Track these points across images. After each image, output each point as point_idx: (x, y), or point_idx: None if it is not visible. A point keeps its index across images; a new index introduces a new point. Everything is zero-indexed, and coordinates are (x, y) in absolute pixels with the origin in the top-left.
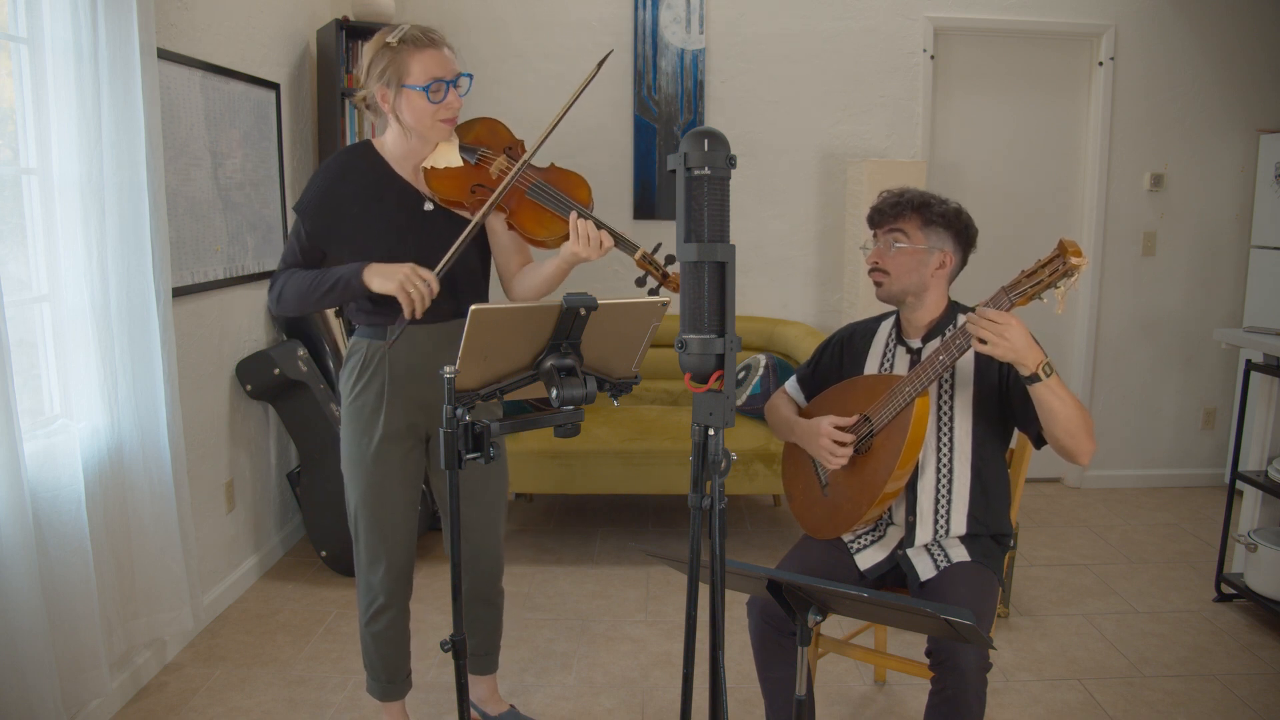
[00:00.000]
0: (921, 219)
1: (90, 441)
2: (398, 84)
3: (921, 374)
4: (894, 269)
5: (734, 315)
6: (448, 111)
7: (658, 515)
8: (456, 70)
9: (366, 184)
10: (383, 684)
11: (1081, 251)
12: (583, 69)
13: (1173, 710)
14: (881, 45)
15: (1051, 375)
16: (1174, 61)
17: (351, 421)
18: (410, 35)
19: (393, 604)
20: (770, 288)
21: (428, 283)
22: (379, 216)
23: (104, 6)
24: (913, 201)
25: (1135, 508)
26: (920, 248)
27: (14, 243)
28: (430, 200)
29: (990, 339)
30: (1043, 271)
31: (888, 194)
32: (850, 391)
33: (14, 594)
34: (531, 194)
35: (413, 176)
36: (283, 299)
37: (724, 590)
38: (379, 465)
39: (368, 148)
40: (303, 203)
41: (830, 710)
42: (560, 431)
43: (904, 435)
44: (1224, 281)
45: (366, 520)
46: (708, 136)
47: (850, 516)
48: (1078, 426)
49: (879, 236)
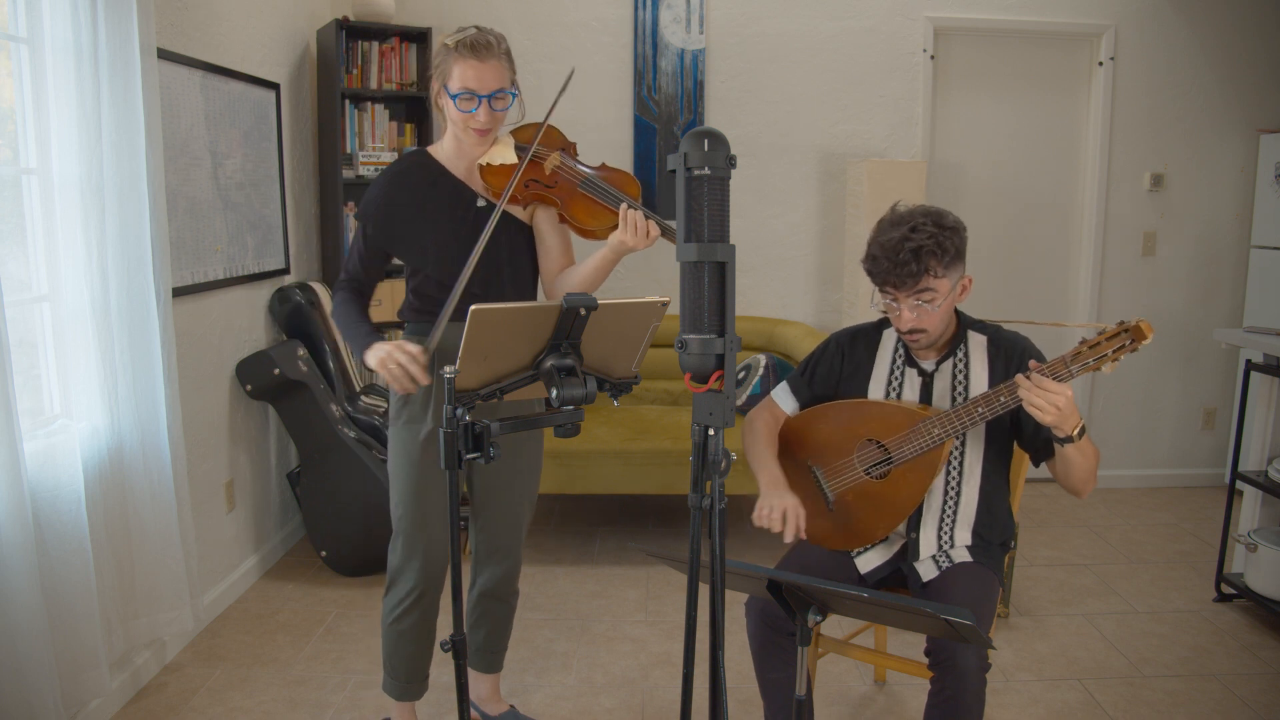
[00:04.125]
0: (942, 265)
1: (90, 441)
2: (442, 84)
3: (955, 421)
4: (931, 325)
5: (734, 315)
6: (476, 123)
7: (658, 515)
8: (496, 86)
9: (421, 185)
10: (401, 684)
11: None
12: (583, 69)
13: (1173, 710)
14: (881, 45)
15: (1084, 436)
16: (1174, 61)
17: (400, 417)
18: (463, 41)
19: (422, 600)
20: (770, 288)
21: (413, 356)
22: (433, 215)
23: (104, 6)
24: (926, 250)
25: (1135, 508)
26: (948, 294)
27: (14, 243)
28: (483, 198)
29: (1043, 408)
30: (1107, 345)
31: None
32: (859, 415)
33: (14, 594)
34: (584, 188)
35: (466, 176)
36: (335, 317)
37: (724, 590)
38: (426, 463)
39: (423, 153)
40: (364, 209)
41: (830, 710)
42: (560, 431)
43: (931, 472)
44: (1224, 281)
45: (411, 517)
46: (708, 136)
47: (863, 537)
48: (1090, 475)
49: (903, 300)
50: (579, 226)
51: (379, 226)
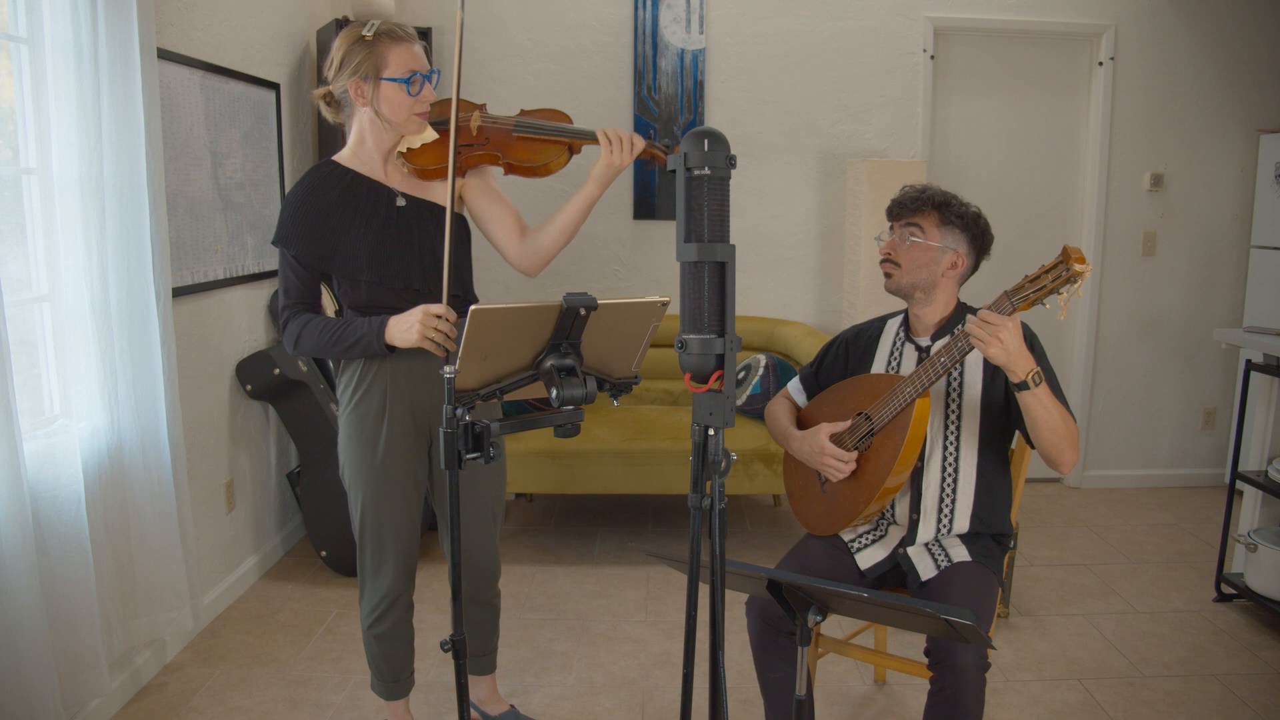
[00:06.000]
0: (939, 217)
1: (90, 441)
2: (375, 77)
3: (923, 374)
4: (905, 262)
5: (734, 315)
6: (422, 105)
7: (658, 515)
8: (428, 65)
9: (336, 195)
10: (388, 683)
11: (1085, 258)
12: (583, 69)
13: (1173, 710)
14: (881, 45)
15: (1040, 385)
16: (1174, 61)
17: (354, 430)
18: (385, 29)
19: (397, 605)
20: (770, 288)
21: (444, 318)
22: (353, 224)
23: (104, 6)
24: (934, 199)
25: (1135, 508)
26: (934, 245)
27: (14, 243)
28: (402, 196)
29: (984, 339)
30: (1045, 277)
31: (910, 188)
32: (851, 390)
33: (14, 594)
34: (519, 130)
35: (383, 175)
36: (300, 345)
37: (724, 590)
38: (386, 472)
39: (330, 163)
40: (283, 233)
41: (830, 710)
42: (560, 431)
43: (903, 435)
44: (1224, 281)
45: (373, 527)
46: (708, 136)
47: (848, 514)
48: (1060, 437)
49: (895, 229)
50: (528, 166)
51: (307, 246)
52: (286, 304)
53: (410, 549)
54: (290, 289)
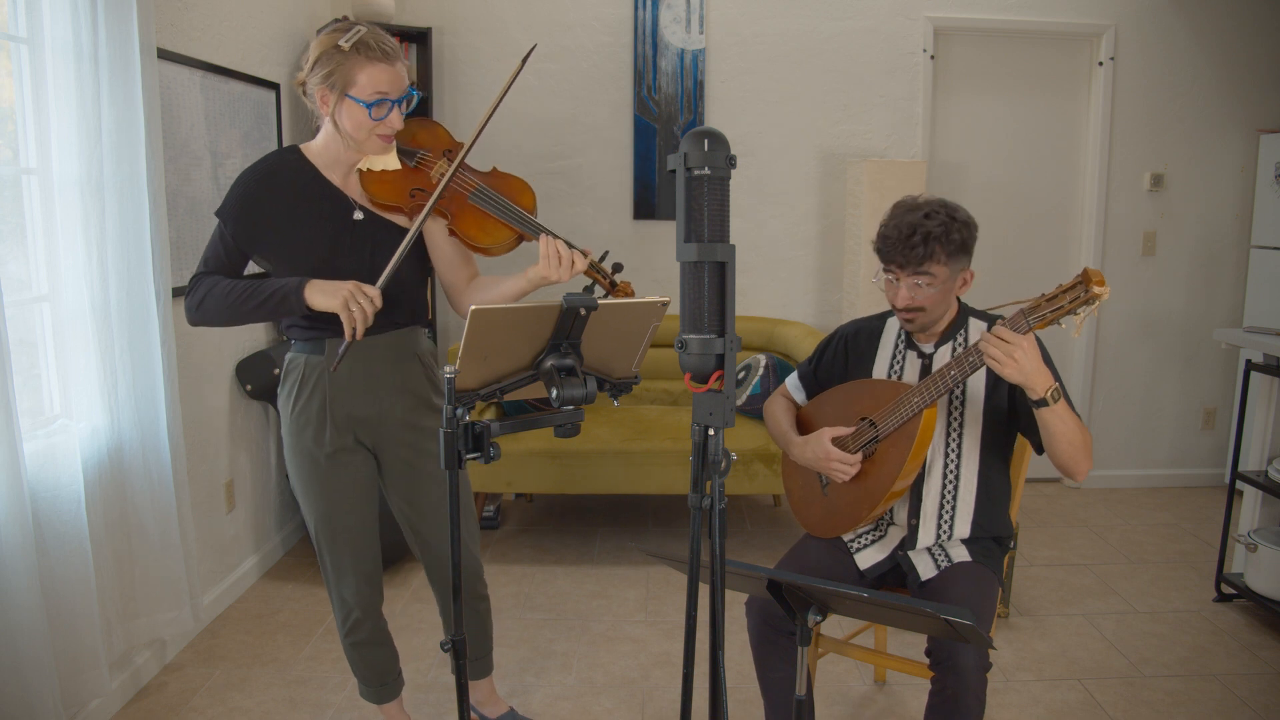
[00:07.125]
0: (944, 252)
1: (90, 441)
2: (341, 91)
3: (931, 386)
4: (929, 304)
5: (734, 315)
6: (387, 129)
7: (658, 515)
8: (405, 88)
9: (293, 190)
10: (375, 688)
11: (1105, 280)
12: (583, 69)
13: (1173, 710)
14: (881, 45)
15: (1059, 401)
16: (1174, 61)
17: (295, 441)
18: (363, 42)
19: (369, 614)
20: (770, 288)
21: (371, 300)
22: (306, 225)
23: (104, 6)
24: (934, 236)
25: (1135, 508)
26: (947, 279)
27: (14, 243)
28: (360, 209)
29: (1000, 359)
30: (1063, 298)
31: (901, 228)
32: (854, 394)
33: (14, 594)
34: (474, 199)
35: (343, 183)
36: (204, 307)
37: (724, 590)
38: (332, 481)
39: (295, 152)
40: (225, 207)
41: (830, 710)
42: (560, 431)
43: (910, 443)
44: (1224, 281)
45: (328, 537)
46: (708, 136)
47: (850, 519)
48: (1077, 449)
49: (902, 279)
50: (472, 244)
51: (242, 227)
52: (203, 269)
53: (369, 555)
54: (212, 259)
